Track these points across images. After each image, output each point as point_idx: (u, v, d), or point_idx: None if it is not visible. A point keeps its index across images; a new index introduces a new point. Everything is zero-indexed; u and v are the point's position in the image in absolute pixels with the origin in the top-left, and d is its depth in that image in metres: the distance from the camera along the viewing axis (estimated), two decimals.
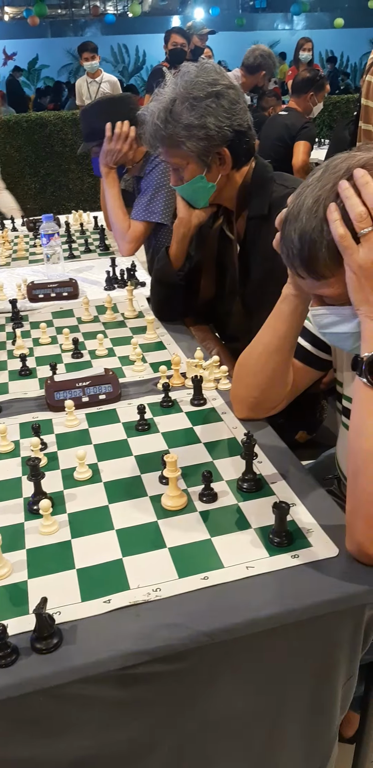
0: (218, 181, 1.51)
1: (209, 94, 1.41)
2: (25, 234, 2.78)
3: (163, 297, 1.77)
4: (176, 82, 1.45)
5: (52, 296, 1.97)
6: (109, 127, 2.20)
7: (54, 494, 1.03)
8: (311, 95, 4.01)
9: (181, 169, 1.51)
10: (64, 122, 6.13)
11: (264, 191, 1.52)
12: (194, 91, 1.41)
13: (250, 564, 0.88)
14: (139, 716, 0.81)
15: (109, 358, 1.58)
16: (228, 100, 1.43)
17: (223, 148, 1.45)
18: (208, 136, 1.42)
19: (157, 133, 1.46)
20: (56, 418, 1.29)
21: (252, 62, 4.35)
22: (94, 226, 2.82)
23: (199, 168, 1.48)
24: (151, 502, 1.02)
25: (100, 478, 1.09)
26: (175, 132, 1.44)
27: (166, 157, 1.54)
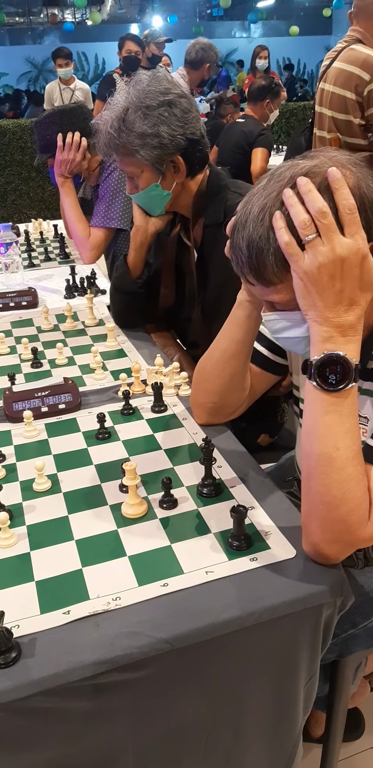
0: (173, 189, 1.52)
1: (161, 102, 1.43)
2: None
3: (123, 305, 1.78)
4: (129, 90, 1.46)
5: (10, 305, 1.95)
6: (61, 138, 2.20)
7: (12, 506, 1.02)
8: (268, 102, 4.07)
9: (136, 177, 1.53)
10: (24, 130, 6.07)
11: (219, 199, 1.54)
12: (147, 100, 1.43)
13: (209, 569, 0.89)
14: (103, 726, 0.81)
15: (70, 367, 1.58)
16: (180, 109, 1.45)
17: (177, 156, 1.47)
18: (161, 145, 1.44)
19: (111, 141, 1.47)
20: (15, 429, 1.28)
21: (194, 57, 4.36)
22: (54, 234, 2.80)
23: (153, 176, 1.50)
24: (111, 511, 1.02)
25: (60, 489, 1.08)
26: (128, 141, 1.45)
27: (121, 166, 1.55)
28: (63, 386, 1.38)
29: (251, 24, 16.79)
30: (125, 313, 1.79)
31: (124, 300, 1.76)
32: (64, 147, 2.22)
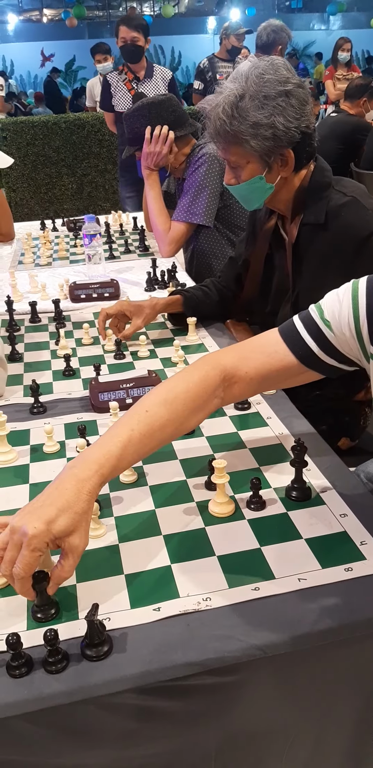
0: (277, 183, 1.45)
1: (279, 92, 1.34)
2: (65, 234, 2.80)
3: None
4: (247, 76, 1.37)
5: (93, 296, 1.97)
6: (149, 130, 2.21)
7: (100, 497, 1.01)
8: (364, 101, 4.09)
9: (239, 168, 1.45)
10: (102, 123, 6.15)
11: (321, 197, 1.45)
12: (265, 89, 1.34)
13: (302, 576, 0.86)
14: (188, 728, 0.79)
15: (152, 360, 1.57)
16: (298, 100, 1.36)
17: (287, 150, 1.39)
18: (275, 136, 1.36)
19: (222, 127, 1.39)
20: (100, 419, 1.29)
21: (266, 40, 4.22)
22: (133, 227, 2.82)
23: (259, 168, 1.42)
24: (198, 508, 1.01)
25: (146, 482, 1.08)
26: (240, 129, 1.37)
27: (224, 154, 1.47)
28: (147, 378, 1.37)
29: (330, 16, 16.38)
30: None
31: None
32: (152, 139, 2.23)
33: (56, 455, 1.16)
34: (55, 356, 1.60)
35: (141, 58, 3.70)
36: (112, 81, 3.78)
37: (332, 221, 1.43)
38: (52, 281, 2.15)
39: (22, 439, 1.21)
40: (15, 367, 1.53)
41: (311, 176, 1.47)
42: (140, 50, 3.67)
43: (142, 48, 3.67)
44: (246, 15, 12.85)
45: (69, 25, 11.63)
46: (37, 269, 2.34)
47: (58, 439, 1.20)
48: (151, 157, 2.27)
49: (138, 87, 3.69)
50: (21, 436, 1.22)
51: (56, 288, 2.04)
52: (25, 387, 1.43)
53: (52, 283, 2.12)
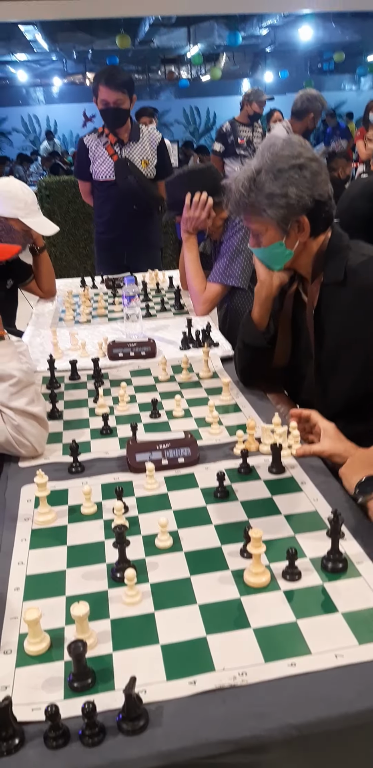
0: (296, 248, 1.55)
1: (292, 166, 1.47)
2: (103, 292, 2.88)
3: (251, 361, 1.78)
4: (263, 153, 1.52)
5: (131, 355, 2.02)
6: (189, 197, 2.30)
7: (136, 561, 1.03)
8: None
9: (260, 235, 1.58)
10: None
11: (339, 258, 1.55)
12: (279, 164, 1.48)
13: (339, 652, 0.85)
14: None
15: (186, 419, 1.60)
16: (310, 172, 1.48)
17: (302, 216, 1.50)
18: (288, 205, 1.48)
19: (241, 200, 1.54)
20: (137, 480, 1.31)
21: (299, 107, 4.45)
22: (169, 285, 2.89)
23: (278, 234, 1.54)
24: (233, 576, 1.01)
25: (181, 547, 1.08)
26: (256, 200, 1.51)
27: (247, 223, 1.61)
28: (183, 440, 1.39)
29: (361, 77, 16.78)
30: (252, 369, 1.79)
31: (253, 355, 1.76)
32: (191, 205, 2.32)
33: (93, 517, 1.18)
34: (93, 414, 1.63)
35: (126, 122, 3.11)
36: (91, 145, 3.17)
37: (351, 279, 1.53)
38: (91, 339, 2.20)
39: (61, 499, 1.24)
40: (55, 425, 1.56)
41: (329, 240, 1.57)
42: (125, 114, 3.07)
43: (127, 111, 3.08)
44: (279, 77, 13.25)
45: None
46: (77, 326, 2.40)
47: (95, 500, 1.22)
48: (190, 222, 2.37)
49: (122, 152, 3.14)
50: (60, 496, 1.24)
51: (95, 346, 2.09)
52: (64, 445, 1.46)
53: (92, 341, 2.17)
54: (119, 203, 3.14)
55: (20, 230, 2.40)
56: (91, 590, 0.98)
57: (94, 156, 3.17)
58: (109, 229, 3.25)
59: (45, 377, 1.84)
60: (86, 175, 3.23)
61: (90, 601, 0.91)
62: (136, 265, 3.07)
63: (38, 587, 0.99)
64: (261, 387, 1.79)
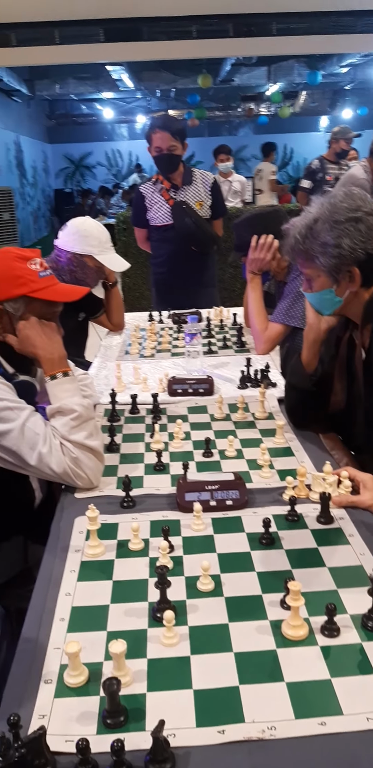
0: (346, 297, 1.58)
1: (349, 218, 1.50)
2: (169, 326, 2.96)
3: (297, 402, 1.80)
4: (323, 203, 1.56)
5: (189, 392, 2.06)
6: (255, 239, 2.37)
7: (177, 603, 1.06)
8: None
9: (312, 280, 1.62)
10: None
11: None
12: (336, 215, 1.51)
13: (371, 716, 0.83)
14: None
15: (238, 461, 1.61)
16: (367, 226, 1.51)
17: (354, 267, 1.53)
18: (341, 255, 1.51)
19: (296, 246, 1.60)
20: (184, 519, 1.34)
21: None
22: (232, 322, 2.93)
23: (329, 282, 1.58)
24: (271, 626, 1.01)
25: (222, 592, 1.10)
26: (310, 247, 1.56)
27: (301, 267, 1.66)
28: (232, 482, 1.41)
29: None
30: (298, 410, 1.81)
31: (299, 397, 1.78)
32: (257, 247, 2.40)
33: (140, 553, 1.22)
34: (148, 449, 1.68)
35: (178, 167, 3.21)
36: (147, 193, 3.28)
37: None
38: (153, 373, 2.28)
39: (111, 533, 1.28)
40: (112, 457, 1.63)
41: None
42: (178, 159, 3.18)
43: (180, 156, 3.19)
44: (358, 114, 13.16)
45: (190, 125, 12.50)
46: (141, 360, 2.49)
47: (143, 536, 1.26)
48: (255, 263, 2.45)
49: (177, 195, 3.22)
50: (110, 529, 1.29)
51: (156, 380, 2.16)
52: (118, 479, 1.52)
53: (153, 375, 2.24)
54: (176, 245, 3.22)
55: (93, 266, 2.53)
56: (131, 627, 1.01)
57: (151, 203, 3.27)
58: (166, 270, 3.35)
59: (107, 410, 1.92)
60: (143, 222, 3.33)
61: (129, 638, 0.95)
62: (192, 304, 3.14)
63: (82, 620, 1.04)
64: (316, 430, 1.79)
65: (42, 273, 1.52)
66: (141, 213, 3.32)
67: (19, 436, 1.38)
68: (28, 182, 12.81)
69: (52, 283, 1.55)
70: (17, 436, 1.38)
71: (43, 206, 14.12)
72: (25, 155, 12.70)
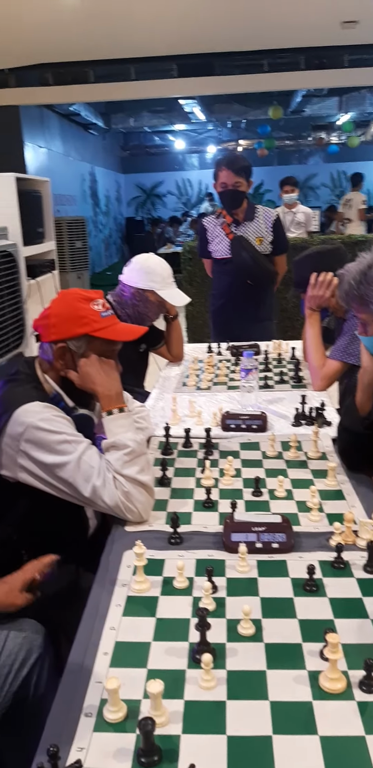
0: None
1: None
2: (227, 359, 2.99)
3: (349, 444, 1.79)
4: None
5: (242, 427, 2.09)
6: (315, 276, 2.39)
7: (217, 645, 1.08)
8: None
9: (367, 324, 1.65)
10: None
11: None
12: None
13: None
14: None
15: (287, 501, 1.62)
16: None
17: None
18: None
19: (351, 291, 1.64)
20: (229, 560, 1.35)
21: None
22: (291, 356, 2.93)
23: None
24: (309, 677, 1.01)
25: (262, 638, 1.11)
26: (365, 293, 1.59)
27: (356, 312, 1.69)
28: (279, 525, 1.42)
29: None
30: (351, 453, 1.80)
31: (351, 439, 1.77)
32: (316, 284, 2.43)
33: (184, 592, 1.24)
34: (199, 485, 1.71)
35: (242, 203, 3.30)
36: (209, 227, 3.41)
37: None
38: (208, 406, 2.31)
39: (157, 569, 1.32)
40: (162, 491, 1.67)
41: None
42: (242, 195, 3.27)
43: (244, 193, 3.28)
44: None
45: (260, 155, 12.63)
46: (197, 393, 2.53)
47: (188, 574, 1.29)
48: (314, 300, 2.47)
49: (237, 230, 3.31)
50: (156, 565, 1.33)
51: (211, 414, 2.19)
52: (168, 514, 1.55)
53: (208, 409, 2.28)
54: (234, 278, 3.30)
55: (155, 301, 2.62)
56: (171, 667, 1.04)
57: (212, 236, 3.39)
58: (224, 302, 3.43)
59: (161, 442, 1.97)
60: (206, 253, 3.45)
61: (168, 678, 0.98)
62: (249, 336, 3.21)
63: (124, 655, 1.07)
64: (370, 473, 1.76)
65: (104, 313, 1.60)
66: (204, 245, 3.45)
67: (75, 469, 1.45)
68: (101, 211, 13.29)
69: (113, 322, 1.62)
70: (73, 469, 1.45)
71: (114, 233, 14.59)
72: (99, 185, 13.20)
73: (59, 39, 6.52)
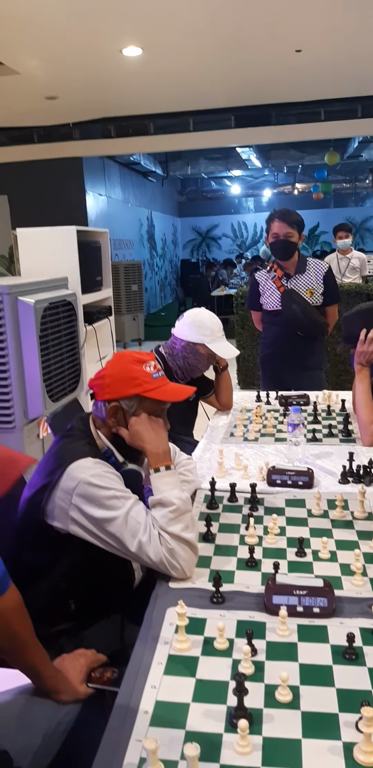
0: None
1: None
2: (275, 408, 3.02)
3: None
4: None
5: (288, 483, 2.10)
6: (364, 332, 2.41)
7: (254, 710, 1.10)
8: None
9: None
10: None
11: None
12: None
13: None
14: None
15: (330, 563, 1.62)
16: None
17: None
18: None
19: None
20: (270, 622, 1.38)
21: None
22: (341, 408, 2.93)
23: None
24: (344, 748, 1.02)
25: (299, 705, 1.12)
26: None
27: None
28: (321, 590, 1.43)
29: None
30: None
31: None
32: (365, 340, 2.45)
33: (224, 653, 1.27)
34: (243, 542, 1.74)
35: (293, 255, 3.40)
36: (261, 280, 3.53)
37: None
38: (255, 459, 2.35)
39: (199, 627, 1.35)
40: (206, 548, 1.71)
41: None
42: (293, 247, 3.36)
43: (296, 244, 3.37)
44: None
45: (315, 198, 12.73)
46: (244, 444, 2.57)
47: (229, 635, 1.32)
48: (363, 355, 2.49)
49: (288, 283, 3.41)
50: (198, 624, 1.36)
51: (257, 468, 2.22)
52: (211, 571, 1.59)
53: (255, 462, 2.31)
54: (285, 329, 3.42)
55: (205, 353, 2.70)
56: (208, 729, 1.07)
57: (264, 288, 3.52)
58: (273, 351, 3.54)
59: (207, 496, 2.01)
60: (257, 306, 3.59)
61: (205, 740, 1.02)
62: (298, 386, 3.26)
63: (164, 715, 1.11)
64: None
65: (155, 375, 1.68)
66: (255, 297, 3.59)
67: (122, 524, 1.51)
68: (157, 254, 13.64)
69: (163, 383, 1.70)
70: (121, 524, 1.51)
71: (169, 275, 14.92)
72: (156, 229, 13.58)
73: (122, 95, 6.87)
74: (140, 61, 5.63)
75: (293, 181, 14.29)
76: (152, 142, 8.22)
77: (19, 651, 1.30)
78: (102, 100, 7.01)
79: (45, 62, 5.57)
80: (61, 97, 6.73)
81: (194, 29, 4.91)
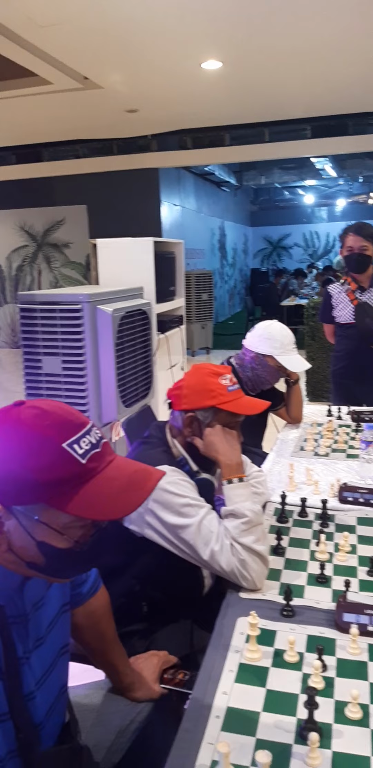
0: None
1: None
2: (346, 424, 2.99)
3: None
4: None
5: (360, 501, 2.08)
6: None
7: (324, 725, 1.12)
8: None
9: None
10: None
11: None
12: None
13: None
14: None
15: None
16: None
17: None
18: None
19: None
20: (340, 640, 1.38)
21: None
22: None
23: None
24: None
25: (369, 723, 1.13)
26: None
27: None
28: None
29: None
30: None
31: None
32: None
33: (294, 666, 1.29)
34: (313, 558, 1.75)
35: (367, 268, 3.43)
36: (334, 293, 3.60)
37: None
38: (325, 474, 2.34)
39: (269, 639, 1.38)
40: (277, 561, 1.72)
41: None
42: (368, 260, 3.40)
43: (370, 258, 3.40)
44: None
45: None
46: (315, 459, 2.56)
47: (299, 649, 1.34)
48: None
49: (362, 296, 3.45)
50: (268, 636, 1.39)
51: (328, 484, 2.22)
52: (281, 584, 1.61)
53: (325, 477, 2.30)
54: (358, 342, 3.41)
55: (274, 366, 2.72)
56: (278, 740, 1.09)
57: (337, 302, 3.57)
58: (345, 364, 3.53)
59: (277, 509, 2.03)
60: (329, 318, 3.63)
61: (275, 750, 1.04)
62: (371, 401, 3.23)
63: (235, 721, 1.14)
64: None
65: (230, 387, 1.73)
66: (328, 310, 3.61)
67: (196, 532, 1.56)
68: (227, 263, 13.70)
69: (239, 396, 1.74)
70: (194, 532, 1.56)
71: (239, 284, 14.93)
72: (228, 238, 13.64)
73: (199, 107, 6.97)
74: (219, 74, 5.70)
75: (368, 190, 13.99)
76: (228, 153, 8.28)
77: (104, 649, 1.37)
78: (180, 112, 7.15)
79: (128, 77, 5.75)
80: (141, 111, 6.92)
81: (272, 41, 4.93)
